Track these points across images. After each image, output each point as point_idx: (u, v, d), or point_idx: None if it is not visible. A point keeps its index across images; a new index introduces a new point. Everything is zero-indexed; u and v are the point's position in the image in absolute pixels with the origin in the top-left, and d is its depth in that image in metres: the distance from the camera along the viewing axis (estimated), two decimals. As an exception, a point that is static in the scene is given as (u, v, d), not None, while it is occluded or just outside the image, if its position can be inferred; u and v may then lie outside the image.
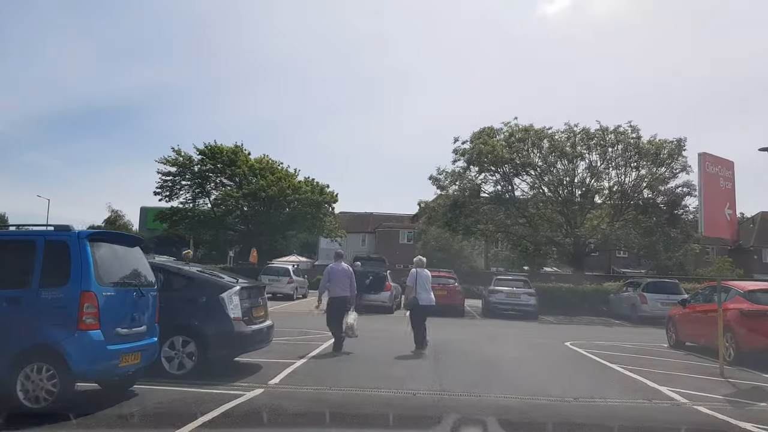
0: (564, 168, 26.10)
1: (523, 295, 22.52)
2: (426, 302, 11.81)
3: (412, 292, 11.89)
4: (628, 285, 24.66)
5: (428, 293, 11.93)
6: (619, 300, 24.47)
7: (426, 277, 12.06)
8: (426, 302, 11.81)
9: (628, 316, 23.22)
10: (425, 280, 11.97)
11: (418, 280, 11.86)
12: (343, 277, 11.47)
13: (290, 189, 38.63)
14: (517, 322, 21.01)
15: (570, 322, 22.46)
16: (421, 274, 11.97)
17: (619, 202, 26.50)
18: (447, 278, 23.14)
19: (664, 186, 25.49)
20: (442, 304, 22.69)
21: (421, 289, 11.85)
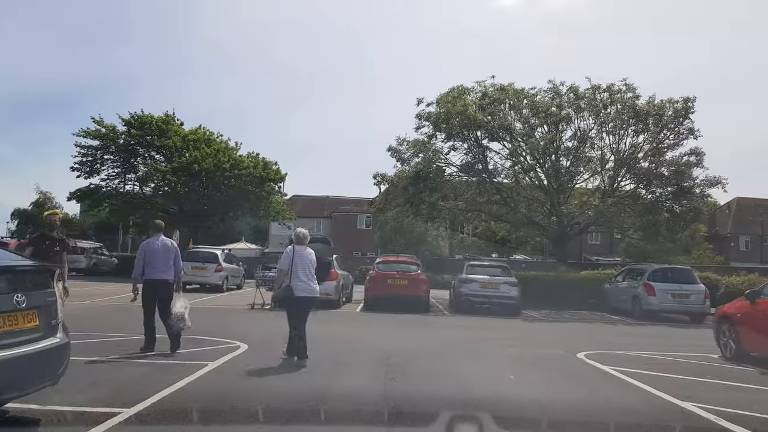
0: (548, 134, 21.63)
1: (503, 285, 18.05)
2: (304, 293, 8.30)
3: (286, 278, 8.36)
4: (627, 273, 20.46)
5: (309, 281, 8.42)
6: (616, 291, 20.27)
7: (307, 258, 8.54)
8: (304, 293, 8.30)
9: (628, 310, 19.04)
10: (306, 263, 8.46)
11: (296, 262, 8.35)
12: (162, 255, 8.60)
13: (229, 163, 33.30)
14: (496, 319, 16.54)
15: (561, 319, 18.10)
16: (300, 254, 8.44)
17: (613, 173, 22.25)
18: (408, 264, 18.50)
19: (669, 154, 21.38)
20: (402, 295, 18.21)
21: (300, 274, 8.32)
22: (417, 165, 23.31)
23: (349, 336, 11.57)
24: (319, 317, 15.42)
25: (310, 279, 8.37)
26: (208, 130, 35.65)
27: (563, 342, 11.89)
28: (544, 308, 20.41)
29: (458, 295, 18.44)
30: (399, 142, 24.60)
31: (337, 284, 17.72)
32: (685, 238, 21.55)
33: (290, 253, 8.38)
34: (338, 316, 15.95)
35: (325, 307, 17.39)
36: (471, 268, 18.79)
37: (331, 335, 10.89)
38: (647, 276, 18.55)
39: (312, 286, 8.40)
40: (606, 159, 22.37)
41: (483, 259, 21.18)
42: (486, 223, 27.24)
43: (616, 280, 20.87)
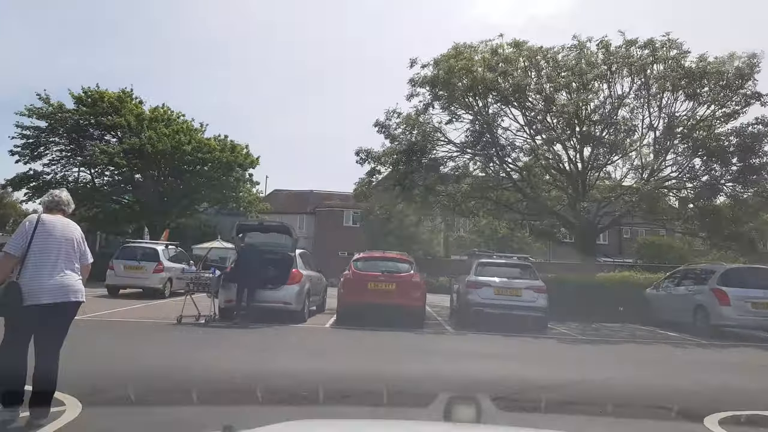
0: (575, 98, 16.82)
1: (526, 291, 13.30)
2: (47, 297, 4.38)
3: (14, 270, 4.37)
4: (683, 276, 15.76)
5: (63, 276, 4.49)
6: (668, 299, 15.57)
7: (64, 238, 4.60)
8: (47, 297, 4.38)
9: (686, 324, 14.36)
10: (60, 246, 4.55)
11: (38, 243, 4.45)
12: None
13: (190, 145, 28.37)
14: (520, 340, 11.80)
15: (603, 337, 13.36)
16: (50, 230, 4.55)
17: (659, 147, 17.51)
18: (397, 262, 13.72)
19: (729, 125, 16.71)
20: (388, 305, 13.50)
21: (40, 265, 4.43)
22: (410, 138, 18.55)
23: (283, 371, 6.78)
24: (265, 336, 10.62)
25: (64, 272, 4.53)
26: (170, 109, 30.75)
27: (651, 389, 7.17)
28: (569, 319, 15.77)
29: (465, 305, 13.70)
30: (388, 115, 19.85)
31: (300, 289, 12.97)
32: (748, 231, 16.83)
33: (28, 228, 4.49)
34: (294, 335, 11.18)
35: (283, 321, 12.71)
36: (482, 268, 14.02)
37: (250, 369, 6.15)
38: (717, 279, 13.85)
39: (66, 282, 4.51)
40: (648, 130, 17.66)
41: (498, 255, 16.26)
42: (492, 215, 22.43)
43: (667, 285, 16.20)
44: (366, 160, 19.30)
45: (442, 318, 15.81)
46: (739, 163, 16.20)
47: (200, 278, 12.65)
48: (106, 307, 14.22)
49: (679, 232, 19.62)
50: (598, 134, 16.86)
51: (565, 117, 16.48)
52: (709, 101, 16.82)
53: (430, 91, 18.77)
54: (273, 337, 10.93)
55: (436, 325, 14.08)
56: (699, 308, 14.10)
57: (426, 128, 18.84)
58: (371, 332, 11.73)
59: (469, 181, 19.72)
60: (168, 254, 19.39)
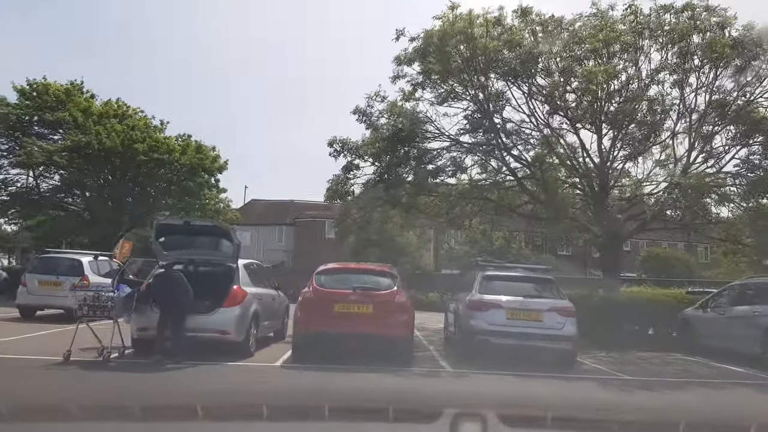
0: (605, 66, 13.38)
1: (549, 315, 9.80)
2: None
3: None
4: (741, 294, 12.34)
5: None
6: (722, 323, 12.15)
7: None
8: None
9: (751, 354, 11.02)
10: None
11: None
12: None
13: (145, 144, 24.73)
14: (548, 382, 8.36)
15: (655, 377, 9.88)
16: None
17: (711, 128, 14.16)
18: (378, 275, 10.13)
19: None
20: (363, 334, 9.86)
21: None
22: (396, 124, 15.16)
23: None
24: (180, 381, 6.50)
25: None
26: (124, 104, 27.12)
27: None
28: (594, 347, 12.43)
29: (467, 332, 10.17)
30: (369, 101, 16.48)
31: (242, 313, 9.46)
32: None
33: None
34: (227, 380, 7.65)
35: (221, 355, 9.21)
36: (489, 283, 10.50)
37: None
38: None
39: None
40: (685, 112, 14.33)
41: (510, 266, 12.68)
42: (491, 221, 19.04)
43: (718, 305, 12.83)
44: (341, 152, 15.87)
45: (434, 347, 12.30)
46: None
47: (99, 298, 9.03)
48: (6, 332, 10.74)
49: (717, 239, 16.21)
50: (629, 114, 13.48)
51: (591, 92, 13.13)
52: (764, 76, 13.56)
53: (420, 65, 15.40)
54: (189, 383, 7.40)
55: (428, 359, 10.56)
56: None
57: (414, 113, 15.47)
58: (337, 374, 8.23)
59: (466, 178, 16.41)
60: (98, 268, 15.72)
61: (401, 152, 15.00)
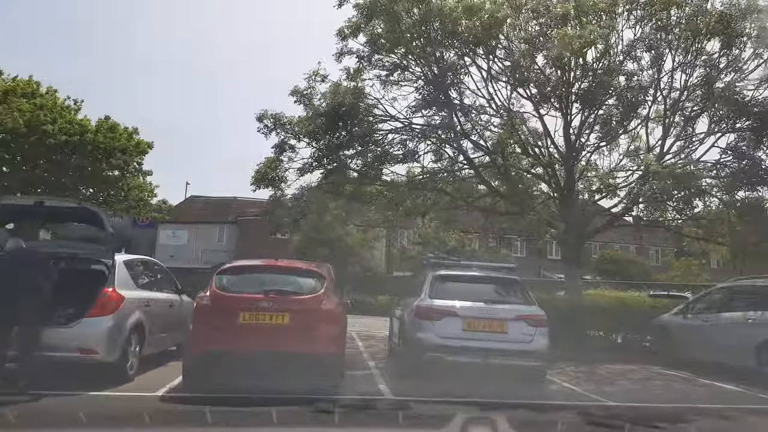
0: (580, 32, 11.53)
1: (516, 325, 7.83)
2: None
3: None
4: (731, 297, 10.63)
5: None
6: (708, 331, 10.46)
7: None
8: None
9: (745, 368, 9.38)
10: None
11: None
12: None
13: (56, 125, 21.71)
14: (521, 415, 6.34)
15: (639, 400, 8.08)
16: None
17: (693, 107, 12.52)
18: (299, 275, 7.78)
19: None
20: (277, 353, 7.30)
21: None
22: (337, 99, 12.98)
23: None
24: None
25: None
26: (35, 82, 23.95)
27: None
28: (563, 359, 10.60)
29: (413, 347, 8.08)
30: (310, 81, 14.24)
31: (115, 325, 7.11)
32: None
33: None
34: (62, 417, 5.29)
35: (86, 381, 6.84)
36: (442, 285, 8.40)
37: None
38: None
39: None
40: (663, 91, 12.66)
41: (467, 264, 10.50)
42: (447, 217, 17.12)
43: (702, 310, 11.18)
44: (273, 129, 13.60)
45: (376, 362, 10.16)
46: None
47: None
48: None
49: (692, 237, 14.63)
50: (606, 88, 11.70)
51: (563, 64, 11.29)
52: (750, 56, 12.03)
53: (366, 35, 13.28)
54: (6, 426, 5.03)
55: (365, 380, 8.40)
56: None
57: (359, 88, 13.36)
58: (234, 411, 5.99)
59: (419, 167, 14.43)
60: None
61: (342, 132, 12.85)
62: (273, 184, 13.90)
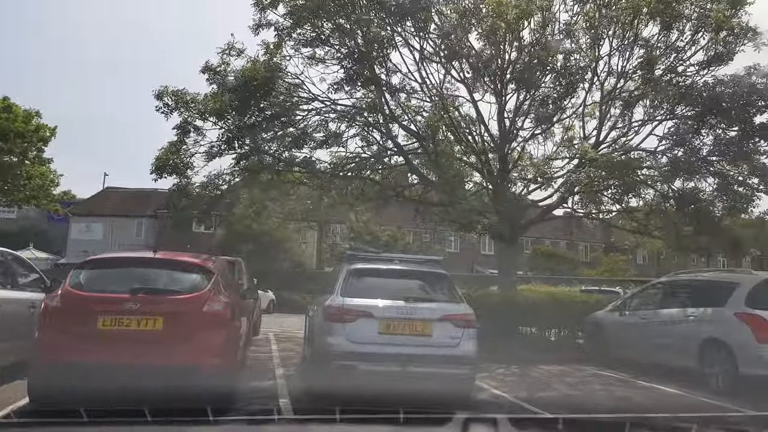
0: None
1: (442, 326, 6.74)
2: None
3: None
4: (673, 292, 9.96)
5: None
6: (647, 330, 9.78)
7: None
8: None
9: (687, 370, 8.73)
10: None
11: None
12: None
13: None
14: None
15: (578, 408, 7.18)
16: None
17: (633, 91, 11.85)
18: (179, 270, 6.29)
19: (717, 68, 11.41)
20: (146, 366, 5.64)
21: None
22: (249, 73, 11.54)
23: None
24: None
25: None
26: None
27: None
28: (494, 360, 9.75)
29: (322, 354, 6.86)
30: (224, 57, 12.68)
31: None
32: (736, 225, 11.53)
33: None
34: None
35: None
36: (357, 281, 7.18)
37: None
38: (746, 297, 8.25)
39: None
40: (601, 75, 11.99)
41: (387, 257, 9.24)
42: (376, 208, 15.98)
43: (640, 306, 10.51)
44: (175, 108, 12.01)
45: (286, 370, 8.86)
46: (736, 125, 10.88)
47: None
48: None
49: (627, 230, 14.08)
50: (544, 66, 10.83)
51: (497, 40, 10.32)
52: (689, 40, 11.46)
53: (286, 5, 11.91)
54: None
55: (264, 395, 7.07)
56: (712, 346, 8.44)
57: (275, 64, 11.96)
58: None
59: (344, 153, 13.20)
60: None
61: (255, 111, 11.43)
62: (177, 172, 12.30)
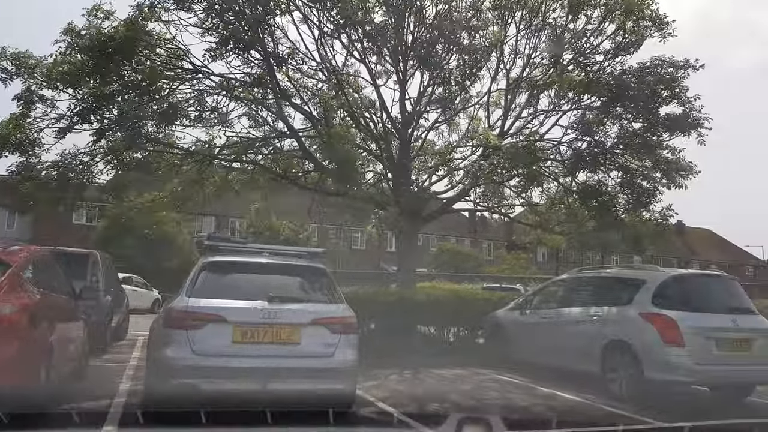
0: None
1: (313, 330, 5.48)
2: None
3: None
4: (576, 289, 9.25)
5: None
6: (548, 330, 9.04)
7: None
8: None
9: (589, 374, 8.06)
10: None
11: None
12: None
13: None
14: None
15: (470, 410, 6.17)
16: None
17: (535, 86, 11.20)
18: None
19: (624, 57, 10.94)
20: None
21: None
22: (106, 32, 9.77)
23: None
24: None
25: None
26: None
27: None
28: (384, 363, 8.86)
29: (159, 369, 5.44)
30: (90, 18, 10.71)
31: None
32: (646, 220, 11.10)
33: None
34: None
35: None
36: (211, 277, 5.77)
37: None
38: (652, 295, 7.64)
39: None
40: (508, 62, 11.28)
41: (255, 249, 7.77)
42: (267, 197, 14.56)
43: (542, 304, 9.80)
44: (17, 74, 10.02)
45: (133, 384, 7.27)
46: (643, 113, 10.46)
47: None
48: None
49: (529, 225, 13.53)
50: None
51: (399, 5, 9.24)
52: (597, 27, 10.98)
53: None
54: None
55: (89, 418, 5.56)
56: (616, 349, 7.79)
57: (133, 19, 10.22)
58: None
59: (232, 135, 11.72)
60: None
61: (114, 77, 9.69)
62: (21, 149, 10.27)
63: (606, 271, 9.20)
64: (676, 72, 10.64)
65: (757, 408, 7.63)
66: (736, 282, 8.28)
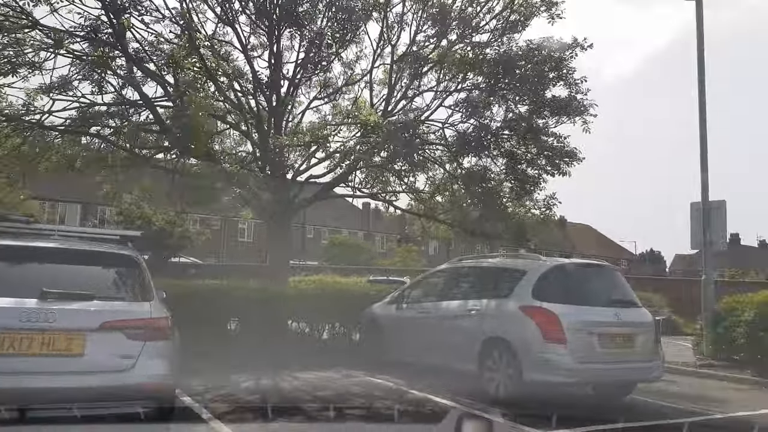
0: None
1: (103, 337, 4.12)
2: None
3: None
4: (454, 282, 8.41)
5: None
6: (424, 326, 8.14)
7: None
8: None
9: (466, 375, 7.23)
10: None
11: None
12: None
13: None
14: None
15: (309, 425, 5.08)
16: None
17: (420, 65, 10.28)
18: None
19: (510, 35, 10.26)
20: None
21: None
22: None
23: None
24: None
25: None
26: None
27: None
28: (249, 368, 7.86)
29: None
30: None
31: None
32: (538, 203, 10.53)
33: None
34: None
35: None
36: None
37: None
38: (533, 287, 6.89)
39: None
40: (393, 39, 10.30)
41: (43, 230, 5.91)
42: (117, 179, 12.61)
43: (419, 298, 8.87)
44: None
45: None
46: (528, 95, 9.87)
47: None
48: None
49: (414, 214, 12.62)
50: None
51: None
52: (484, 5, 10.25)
53: None
54: None
55: None
56: (494, 347, 6.99)
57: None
58: None
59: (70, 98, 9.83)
60: None
61: None
62: None
63: (486, 261, 8.44)
64: (564, 53, 10.16)
65: (637, 406, 7.16)
66: (618, 272, 7.80)
